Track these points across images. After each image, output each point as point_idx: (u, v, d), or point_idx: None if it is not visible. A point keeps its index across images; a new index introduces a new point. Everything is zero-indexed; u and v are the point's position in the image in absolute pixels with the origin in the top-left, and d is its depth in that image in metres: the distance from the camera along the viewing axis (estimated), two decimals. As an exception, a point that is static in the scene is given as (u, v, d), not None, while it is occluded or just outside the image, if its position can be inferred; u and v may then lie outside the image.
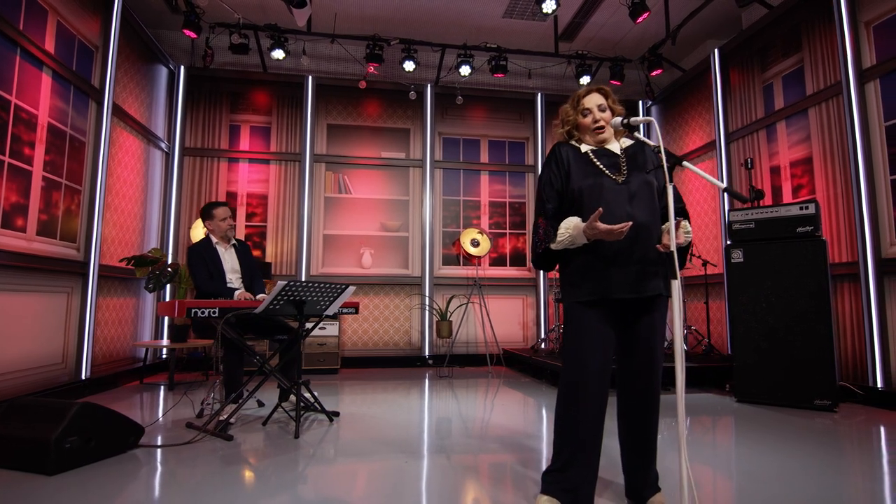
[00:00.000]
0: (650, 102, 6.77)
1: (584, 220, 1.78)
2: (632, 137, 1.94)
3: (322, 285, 3.02)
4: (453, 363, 5.90)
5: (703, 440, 2.92)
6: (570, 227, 1.80)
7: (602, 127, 1.90)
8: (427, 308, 5.99)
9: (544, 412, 3.65)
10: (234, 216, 3.59)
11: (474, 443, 2.84)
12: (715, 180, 1.49)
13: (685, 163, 1.56)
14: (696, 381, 4.64)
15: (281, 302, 2.93)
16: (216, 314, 2.82)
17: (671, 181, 1.57)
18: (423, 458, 2.54)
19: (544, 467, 1.97)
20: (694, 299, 5.80)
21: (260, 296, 3.51)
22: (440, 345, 5.99)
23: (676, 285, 1.54)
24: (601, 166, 1.88)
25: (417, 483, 2.22)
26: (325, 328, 5.33)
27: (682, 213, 1.87)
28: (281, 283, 2.80)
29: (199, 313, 2.79)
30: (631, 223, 1.67)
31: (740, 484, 2.21)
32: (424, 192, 6.23)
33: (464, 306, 6.05)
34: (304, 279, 5.78)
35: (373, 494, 2.10)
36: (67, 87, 3.88)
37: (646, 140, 1.80)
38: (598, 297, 1.79)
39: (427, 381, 5.02)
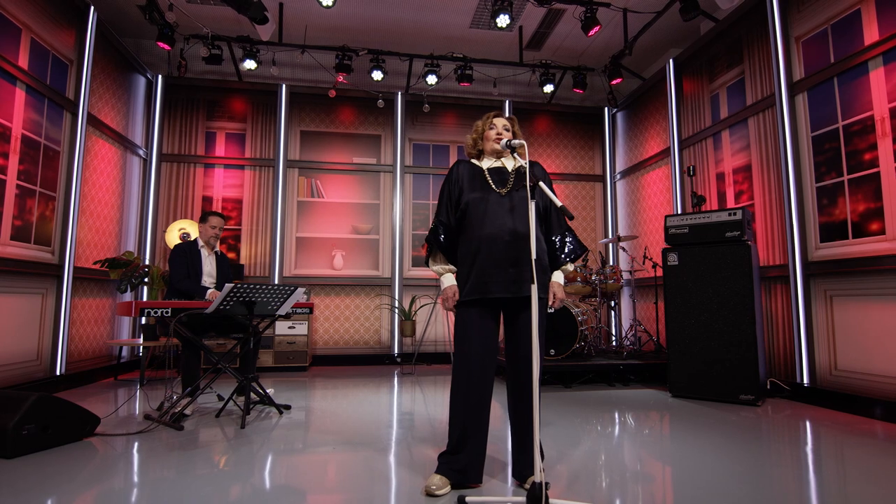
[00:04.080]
0: (614, 110, 7.01)
1: (470, 228, 2.13)
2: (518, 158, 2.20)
3: (271, 287, 3.26)
4: (421, 361, 6.14)
5: (625, 432, 3.16)
6: (445, 275, 2.22)
7: (501, 137, 2.24)
8: (396, 308, 6.22)
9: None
10: (221, 230, 3.94)
11: (403, 432, 3.07)
12: (555, 198, 1.73)
13: (541, 184, 1.80)
14: (643, 378, 4.89)
15: (231, 302, 3.17)
16: (168, 314, 3.06)
17: (533, 198, 1.81)
18: (355, 448, 2.78)
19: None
20: (644, 300, 6.04)
21: None
22: (409, 344, 6.22)
23: (534, 290, 1.77)
24: (490, 181, 2.17)
25: (342, 469, 2.46)
26: (294, 327, 5.57)
27: (562, 239, 2.20)
28: (228, 286, 3.05)
29: (153, 313, 3.03)
30: None
31: (636, 468, 2.45)
32: (395, 196, 6.46)
33: (429, 306, 6.29)
34: (276, 281, 6.02)
35: (298, 479, 2.34)
36: (41, 99, 4.12)
37: (520, 159, 2.04)
38: (478, 296, 2.06)
39: (393, 378, 5.25)
